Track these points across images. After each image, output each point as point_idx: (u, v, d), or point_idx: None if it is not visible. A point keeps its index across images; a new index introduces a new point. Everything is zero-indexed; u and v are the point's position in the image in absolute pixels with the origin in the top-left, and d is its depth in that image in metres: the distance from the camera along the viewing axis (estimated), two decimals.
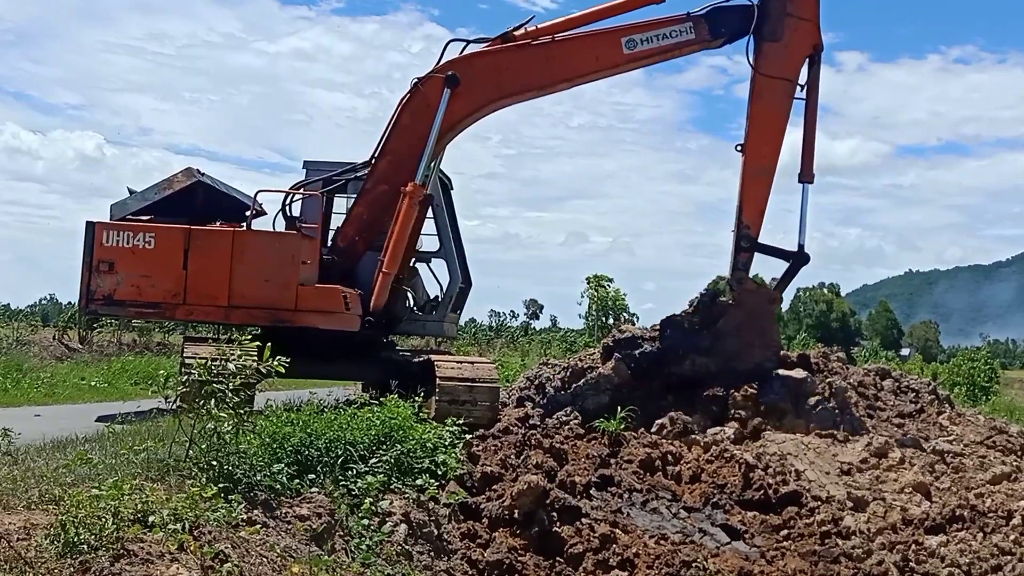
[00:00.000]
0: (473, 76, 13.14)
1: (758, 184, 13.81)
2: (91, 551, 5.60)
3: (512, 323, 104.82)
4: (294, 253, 13.00)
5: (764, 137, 13.77)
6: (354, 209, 13.77)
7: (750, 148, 13.79)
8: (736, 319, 13.62)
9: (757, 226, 13.83)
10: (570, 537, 10.09)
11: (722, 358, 13.46)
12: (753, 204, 13.83)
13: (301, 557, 6.97)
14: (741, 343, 13.50)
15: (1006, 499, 10.32)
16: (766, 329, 13.83)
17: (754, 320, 13.66)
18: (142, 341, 35.28)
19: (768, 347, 13.64)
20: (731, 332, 13.55)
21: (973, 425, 12.65)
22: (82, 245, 13.38)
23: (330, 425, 9.76)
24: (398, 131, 13.36)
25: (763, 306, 13.99)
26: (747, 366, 13.28)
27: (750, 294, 13.86)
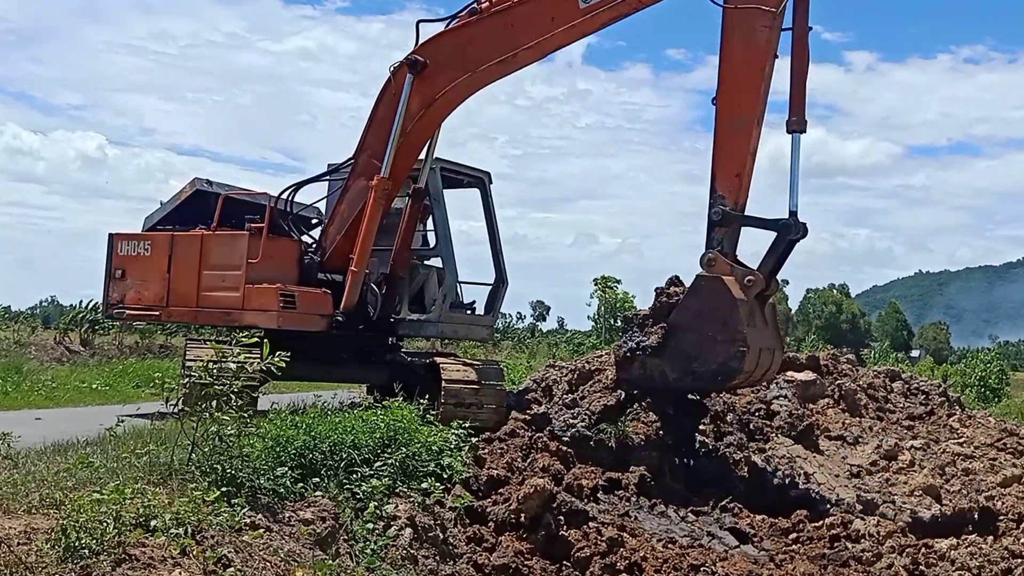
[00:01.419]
0: (439, 58, 12.43)
1: (735, 140, 11.24)
2: (92, 556, 5.56)
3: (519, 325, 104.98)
4: (242, 252, 12.89)
5: (739, 80, 11.28)
6: (336, 208, 13.44)
7: (723, 95, 11.35)
8: (690, 311, 11.25)
9: (735, 193, 11.16)
10: (577, 541, 10.02)
11: (679, 359, 11.32)
12: (728, 165, 11.24)
13: (305, 561, 6.94)
14: (700, 339, 11.13)
15: (1017, 501, 10.24)
16: (728, 320, 10.89)
17: (714, 310, 11.02)
18: (144, 344, 35.20)
19: (733, 341, 10.86)
20: (686, 327, 11.26)
21: (983, 427, 12.56)
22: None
23: (334, 428, 9.70)
24: (374, 125, 12.97)
25: (722, 292, 10.97)
26: (708, 367, 11.04)
27: (707, 279, 11.17)
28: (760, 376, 11.80)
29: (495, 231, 14.76)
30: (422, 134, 12.82)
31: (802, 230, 11.18)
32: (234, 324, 13.05)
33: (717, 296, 11.00)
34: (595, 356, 15.17)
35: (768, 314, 11.61)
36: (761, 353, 11.18)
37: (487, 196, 14.80)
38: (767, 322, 11.53)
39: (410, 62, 12.32)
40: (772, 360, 11.70)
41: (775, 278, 11.48)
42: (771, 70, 11.21)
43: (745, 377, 11.22)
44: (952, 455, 11.67)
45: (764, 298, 11.39)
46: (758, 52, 11.13)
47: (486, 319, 15.04)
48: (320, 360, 12.98)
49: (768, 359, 11.51)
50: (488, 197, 14.80)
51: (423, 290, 14.14)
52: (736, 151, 11.20)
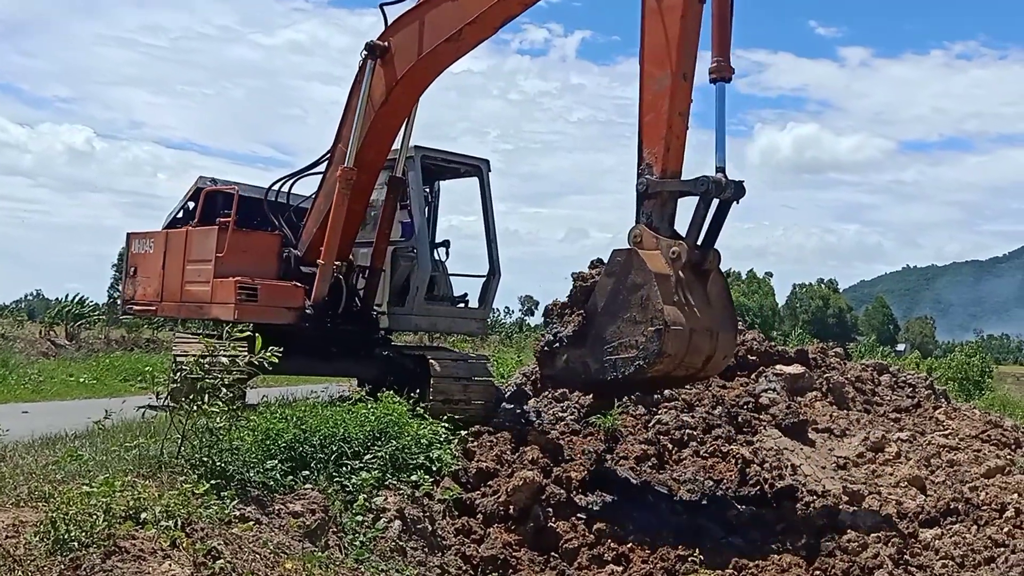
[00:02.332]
0: (398, 42, 12.05)
1: (657, 102, 9.93)
2: (82, 548, 5.57)
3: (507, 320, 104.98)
4: (211, 246, 12.90)
5: (655, 32, 9.99)
6: (315, 201, 13.31)
7: (642, 53, 10.12)
8: (606, 291, 10.02)
9: (662, 160, 9.87)
10: (565, 532, 10.07)
11: (599, 348, 10.04)
12: (652, 130, 9.99)
13: (294, 554, 6.95)
14: (619, 323, 9.87)
15: (1000, 492, 10.32)
16: (647, 297, 9.59)
17: (631, 288, 9.77)
18: (131, 337, 35.13)
19: (651, 322, 9.53)
20: (604, 310, 10.03)
21: (968, 419, 12.67)
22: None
23: (324, 421, 9.72)
24: (348, 114, 12.73)
25: (639, 267, 9.72)
26: (629, 353, 9.75)
27: (621, 254, 9.95)
28: (698, 363, 10.13)
29: (491, 221, 14.62)
30: (389, 122, 12.57)
31: (733, 188, 9.77)
32: (204, 317, 13.15)
33: (633, 272, 9.78)
34: None
35: (714, 292, 10.20)
36: (693, 335, 9.71)
37: (485, 185, 14.65)
38: (709, 301, 10.07)
39: (370, 47, 12.10)
40: (713, 344, 10.07)
41: (712, 248, 10.04)
42: (696, 19, 9.94)
43: (671, 362, 9.75)
44: (937, 447, 11.76)
45: (703, 273, 10.02)
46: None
47: (478, 312, 14.87)
48: (309, 354, 12.96)
49: (706, 342, 9.96)
50: (486, 186, 14.66)
51: (408, 282, 13.91)
52: (659, 114, 9.92)
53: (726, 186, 9.72)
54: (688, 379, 11.01)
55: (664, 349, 9.46)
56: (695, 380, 11.44)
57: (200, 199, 13.88)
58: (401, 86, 12.07)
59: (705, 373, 10.77)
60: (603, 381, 10.18)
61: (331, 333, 13.03)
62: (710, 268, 10.06)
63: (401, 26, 11.97)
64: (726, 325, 10.30)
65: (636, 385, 10.75)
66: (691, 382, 11.66)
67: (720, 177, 9.74)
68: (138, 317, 23.12)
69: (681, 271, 9.73)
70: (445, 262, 14.66)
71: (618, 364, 9.83)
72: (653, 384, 10.79)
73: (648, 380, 10.23)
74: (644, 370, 9.66)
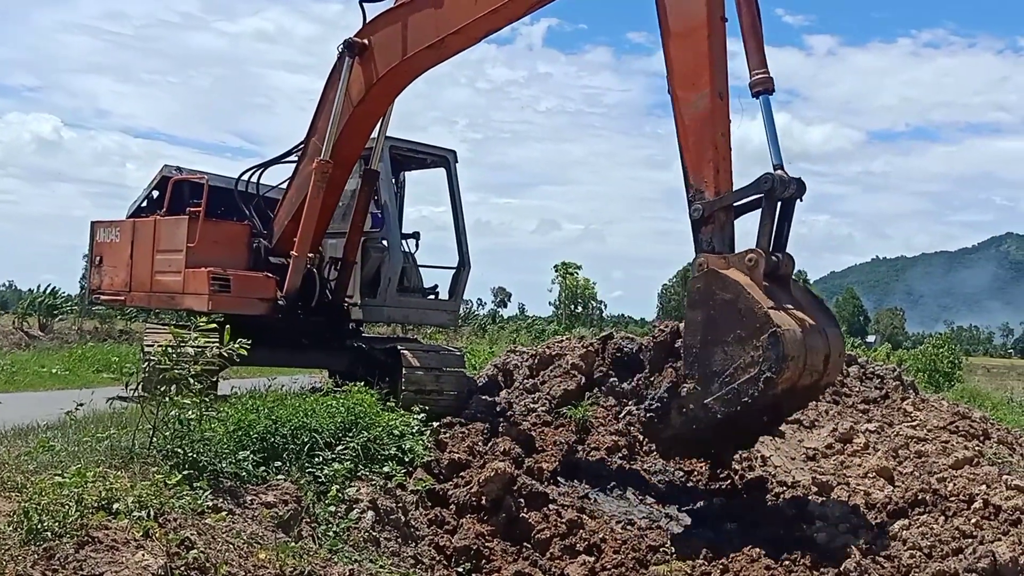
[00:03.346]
0: (377, 41, 11.99)
1: (698, 126, 9.54)
2: (55, 538, 5.58)
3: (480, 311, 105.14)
4: (182, 236, 12.87)
5: (685, 57, 9.66)
6: (287, 192, 13.33)
7: (674, 79, 9.74)
8: (697, 323, 9.31)
9: (714, 183, 9.40)
10: (537, 523, 10.13)
11: (713, 382, 9.12)
12: (698, 155, 9.54)
13: (267, 544, 6.98)
14: (724, 348, 9.07)
15: (967, 483, 10.44)
16: (744, 308, 8.88)
17: (724, 306, 9.04)
18: (104, 329, 34.93)
19: (760, 328, 8.76)
20: (702, 344, 9.25)
21: (936, 411, 12.81)
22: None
23: (295, 412, 9.73)
24: (324, 109, 12.74)
25: (724, 284, 9.06)
26: (749, 372, 8.85)
27: (701, 279, 9.30)
28: (819, 363, 9.36)
29: (459, 212, 14.64)
30: (365, 118, 12.57)
31: (794, 185, 9.33)
32: (176, 308, 13.13)
33: (719, 291, 9.11)
34: (555, 342, 15.26)
35: (799, 295, 9.67)
36: (805, 334, 9.05)
37: (452, 175, 14.67)
38: (800, 303, 9.49)
39: (348, 44, 12.04)
40: (825, 341, 9.41)
41: (785, 251, 9.47)
42: (721, 37, 9.66)
43: (796, 367, 8.94)
44: (905, 438, 11.89)
45: (782, 279, 9.44)
46: (699, 20, 9.58)
47: (449, 304, 14.92)
48: (280, 345, 12.95)
49: (819, 339, 9.30)
50: (453, 176, 14.67)
51: (379, 274, 13.96)
52: (702, 138, 9.51)
53: (788, 182, 9.31)
54: (814, 389, 9.93)
55: (785, 351, 8.72)
56: (820, 389, 10.37)
57: (167, 188, 13.81)
58: (380, 86, 12.07)
59: (828, 378, 9.91)
60: (731, 417, 9.13)
61: (303, 325, 13.03)
62: (786, 273, 9.55)
63: (382, 26, 11.93)
64: (829, 323, 9.81)
65: (766, 410, 9.51)
66: (816, 394, 10.55)
67: (781, 173, 9.32)
68: (106, 307, 22.95)
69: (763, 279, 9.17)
70: (414, 254, 14.69)
71: (742, 390, 8.91)
72: (781, 403, 9.65)
73: (778, 398, 9.21)
74: (773, 382, 8.78)
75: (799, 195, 9.46)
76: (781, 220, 9.45)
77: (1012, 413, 20.39)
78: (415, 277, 14.63)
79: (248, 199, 13.64)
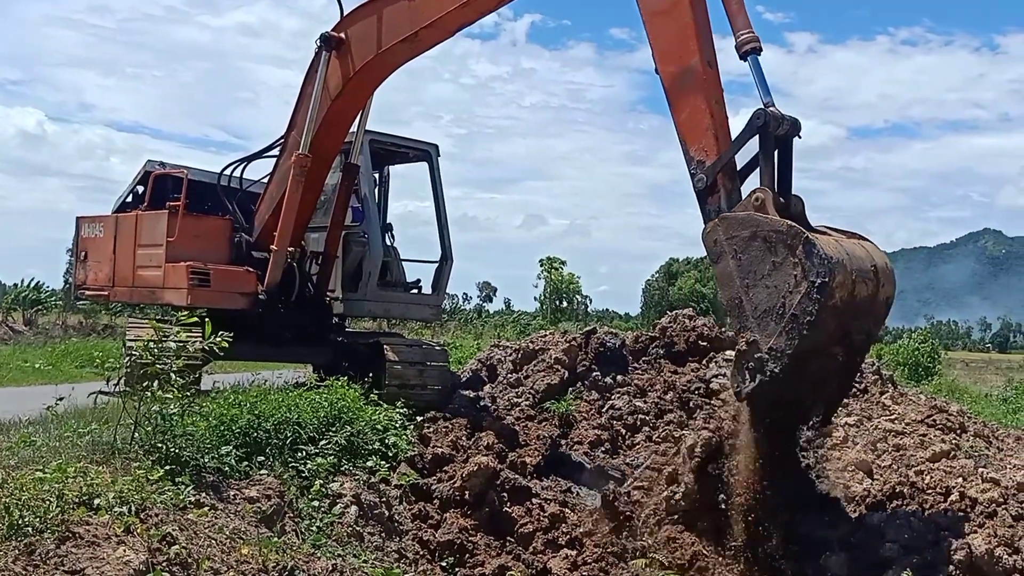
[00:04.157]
0: (354, 35, 11.99)
1: (689, 98, 9.19)
2: (36, 533, 5.57)
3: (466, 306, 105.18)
4: (162, 230, 12.87)
5: (666, 31, 9.40)
6: (268, 187, 13.34)
7: (658, 56, 9.42)
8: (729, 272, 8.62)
9: (712, 149, 9.01)
10: (520, 517, 10.20)
11: (768, 320, 8.36)
12: (694, 127, 9.18)
13: (250, 539, 6.96)
14: (766, 282, 8.36)
15: (944, 476, 10.54)
16: (769, 235, 8.30)
17: (749, 243, 8.46)
18: (88, 324, 34.79)
19: (792, 241, 8.12)
20: (744, 290, 8.52)
21: (914, 404, 12.90)
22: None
23: (279, 407, 9.74)
24: (302, 103, 12.73)
25: (742, 223, 8.50)
26: (799, 291, 8.11)
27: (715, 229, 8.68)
28: (871, 273, 8.68)
29: (442, 206, 14.66)
30: (343, 112, 12.57)
31: (788, 122, 8.82)
32: (156, 302, 13.12)
33: (737, 231, 8.53)
34: (539, 336, 15.32)
35: (820, 229, 8.86)
36: (839, 242, 8.56)
37: (434, 169, 14.68)
38: (822, 231, 8.79)
39: (325, 38, 12.05)
40: (867, 252, 8.83)
41: (790, 192, 8.92)
42: (703, 5, 9.33)
43: (845, 273, 8.23)
44: (884, 431, 11.97)
45: (796, 219, 8.64)
46: None
47: (432, 298, 14.92)
48: (264, 340, 12.95)
49: (859, 250, 8.74)
50: (435, 170, 14.70)
51: (360, 268, 13.95)
52: (697, 109, 9.18)
53: (781, 118, 8.76)
54: (875, 304, 8.96)
55: (827, 251, 8.05)
56: (883, 306, 9.20)
57: (149, 183, 13.79)
58: (356, 80, 12.05)
59: (885, 290, 9.00)
60: (802, 355, 8.36)
61: (285, 319, 13.03)
62: (799, 212, 8.86)
63: (358, 19, 11.92)
64: (862, 239, 9.13)
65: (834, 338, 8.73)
66: (881, 312, 9.28)
67: (773, 110, 8.77)
68: (91, 302, 22.94)
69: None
70: (396, 247, 14.73)
71: (800, 313, 8.13)
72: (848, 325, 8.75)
73: (841, 316, 8.44)
74: (827, 288, 8.01)
75: (795, 133, 9.00)
76: (781, 162, 8.96)
77: (989, 407, 20.58)
78: (398, 271, 14.63)
79: (230, 194, 13.62)
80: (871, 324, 9.19)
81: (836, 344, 8.80)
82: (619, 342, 14.24)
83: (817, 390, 9.19)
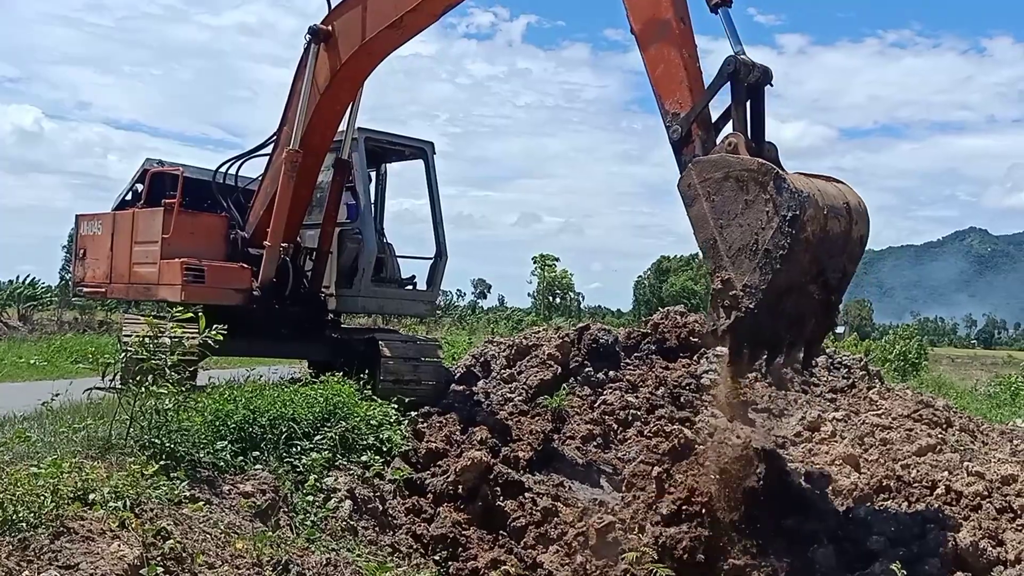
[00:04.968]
0: (341, 26, 12.01)
1: (664, 52, 9.22)
2: (30, 529, 5.58)
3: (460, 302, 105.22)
4: (157, 228, 12.90)
5: None
6: (261, 183, 13.34)
7: (636, 14, 9.51)
8: (703, 215, 8.64)
9: (687, 100, 9.02)
10: (513, 511, 10.27)
11: (743, 257, 8.40)
12: (668, 79, 9.19)
13: (245, 533, 7.02)
14: (740, 218, 8.41)
15: (930, 470, 10.66)
16: (740, 174, 8.40)
17: (721, 185, 8.50)
18: (83, 319, 34.75)
19: (763, 179, 8.24)
20: (720, 230, 8.52)
21: (901, 399, 13.02)
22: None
23: (274, 402, 9.80)
24: (293, 98, 12.75)
25: (713, 165, 8.59)
26: (771, 226, 8.19)
27: (687, 173, 8.74)
28: (844, 210, 8.77)
29: (436, 203, 14.69)
30: (333, 105, 12.59)
31: (759, 69, 8.81)
32: (152, 298, 13.18)
33: (710, 172, 8.60)
34: (532, 332, 15.39)
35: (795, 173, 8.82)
36: (810, 179, 8.65)
37: (430, 167, 14.72)
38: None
39: (312, 31, 12.10)
40: (839, 189, 8.92)
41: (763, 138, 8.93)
42: None
43: (817, 208, 8.35)
44: (871, 426, 12.09)
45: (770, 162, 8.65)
46: None
47: (426, 294, 14.94)
48: (259, 336, 13.01)
49: (831, 187, 8.82)
50: (431, 168, 14.74)
51: (355, 264, 13.93)
52: (671, 62, 9.20)
53: (752, 66, 8.73)
54: (849, 241, 8.97)
55: (797, 185, 8.16)
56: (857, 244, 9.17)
57: (146, 180, 13.84)
58: (345, 71, 12.09)
59: (858, 228, 9.04)
60: (778, 290, 8.43)
61: (280, 315, 13.08)
62: (772, 157, 8.86)
63: (344, 11, 11.96)
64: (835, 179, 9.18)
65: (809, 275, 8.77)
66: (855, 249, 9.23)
67: (744, 58, 8.73)
68: (88, 299, 22.99)
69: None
70: (389, 243, 14.78)
71: (773, 247, 8.20)
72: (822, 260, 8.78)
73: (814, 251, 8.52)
74: (799, 221, 8.10)
75: (767, 81, 8.99)
76: (754, 108, 8.96)
77: (975, 402, 20.70)
78: (392, 268, 14.67)
79: (226, 191, 13.66)
80: (846, 261, 9.16)
81: (811, 282, 8.85)
82: (612, 338, 14.30)
83: (794, 328, 9.16)
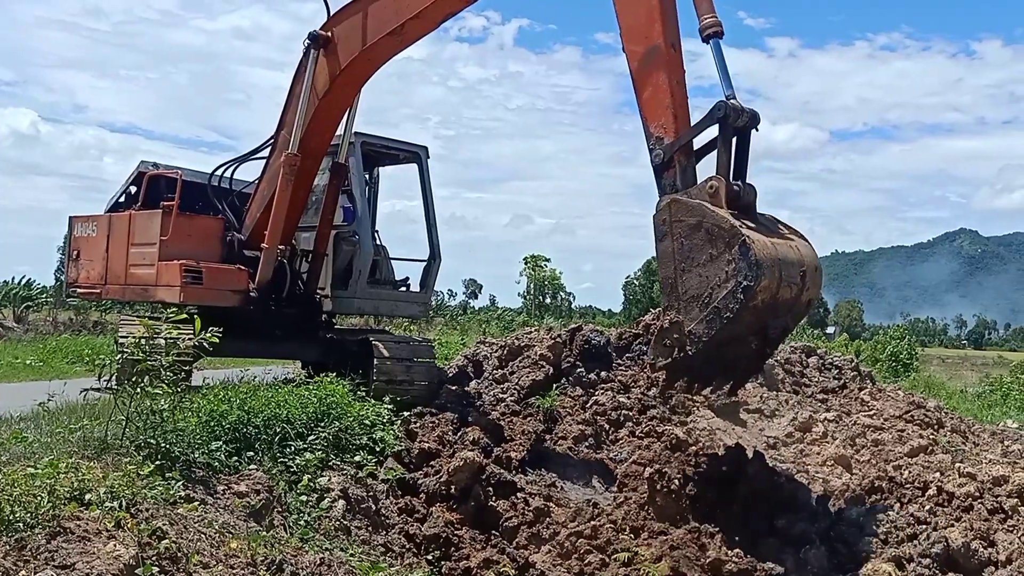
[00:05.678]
0: (341, 32, 12.12)
1: (653, 76, 9.45)
2: (27, 529, 5.58)
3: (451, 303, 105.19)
4: (155, 230, 12.95)
5: (639, 12, 9.63)
6: (258, 186, 13.43)
7: (625, 34, 9.73)
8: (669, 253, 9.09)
9: (673, 127, 9.28)
10: (506, 511, 10.29)
11: (695, 306, 8.91)
12: (655, 103, 9.46)
13: (239, 533, 7.02)
14: (699, 271, 8.85)
15: (922, 471, 10.71)
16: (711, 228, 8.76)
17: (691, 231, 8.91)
18: (78, 320, 34.65)
19: (731, 241, 8.62)
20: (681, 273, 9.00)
21: (892, 400, 13.09)
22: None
23: (268, 403, 9.82)
24: (291, 101, 12.83)
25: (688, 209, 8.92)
26: (727, 286, 8.63)
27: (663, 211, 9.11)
28: (797, 276, 9.11)
29: (430, 206, 14.77)
30: (331, 109, 12.68)
31: (748, 114, 9.18)
32: (149, 300, 13.22)
33: (685, 216, 8.94)
34: (524, 332, 15.43)
35: (766, 222, 9.46)
36: (775, 245, 8.99)
37: (424, 170, 14.79)
38: (768, 228, 9.30)
39: (312, 37, 12.18)
40: (799, 255, 9.27)
41: (745, 181, 9.31)
42: None
43: (772, 276, 8.71)
44: (862, 427, 12.16)
45: (746, 207, 9.22)
46: None
47: (420, 296, 15.02)
48: (254, 337, 13.04)
49: (790, 251, 9.17)
50: (425, 171, 14.80)
51: (350, 266, 14.00)
52: (658, 87, 9.44)
53: (741, 111, 9.11)
54: (796, 305, 9.43)
55: (758, 256, 8.53)
56: (804, 307, 9.69)
57: (143, 183, 13.88)
58: (344, 76, 12.17)
59: (809, 293, 9.46)
60: (718, 341, 8.92)
61: (275, 316, 13.12)
62: (749, 201, 9.30)
63: (344, 17, 12.03)
64: (800, 239, 9.62)
65: (752, 331, 9.33)
66: (800, 311, 9.82)
67: (734, 103, 9.10)
68: (83, 300, 22.96)
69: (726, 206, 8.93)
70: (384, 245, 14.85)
71: (722, 306, 8.68)
72: (765, 321, 9.27)
73: (760, 314, 8.97)
74: (751, 291, 8.54)
75: (754, 125, 9.37)
76: (739, 151, 9.31)
77: (965, 402, 20.77)
78: (386, 269, 14.77)
79: (222, 194, 13.71)
80: (789, 320, 9.74)
81: (752, 335, 9.44)
82: (604, 339, 14.35)
83: (727, 371, 9.99)
